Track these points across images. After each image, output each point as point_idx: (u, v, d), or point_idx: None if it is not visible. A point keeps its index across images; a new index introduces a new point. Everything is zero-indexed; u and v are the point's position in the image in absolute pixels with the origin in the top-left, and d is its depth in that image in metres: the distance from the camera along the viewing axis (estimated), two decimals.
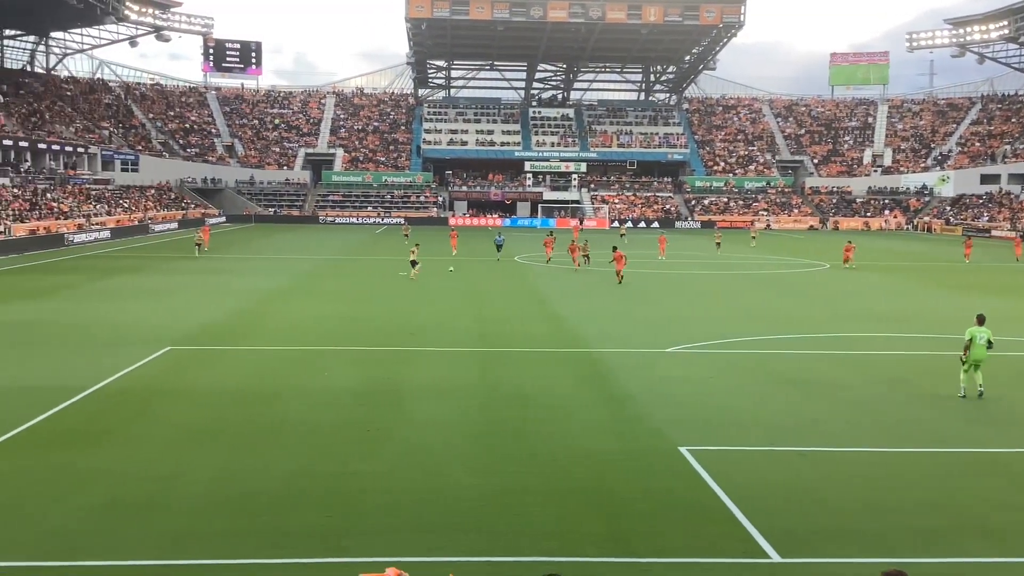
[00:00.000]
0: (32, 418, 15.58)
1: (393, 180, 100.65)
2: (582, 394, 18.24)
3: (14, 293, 33.20)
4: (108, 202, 76.25)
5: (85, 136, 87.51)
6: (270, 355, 21.99)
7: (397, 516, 11.38)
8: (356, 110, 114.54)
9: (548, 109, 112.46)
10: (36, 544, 10.33)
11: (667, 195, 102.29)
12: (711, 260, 52.57)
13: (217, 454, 13.87)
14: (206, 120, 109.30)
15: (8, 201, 61.52)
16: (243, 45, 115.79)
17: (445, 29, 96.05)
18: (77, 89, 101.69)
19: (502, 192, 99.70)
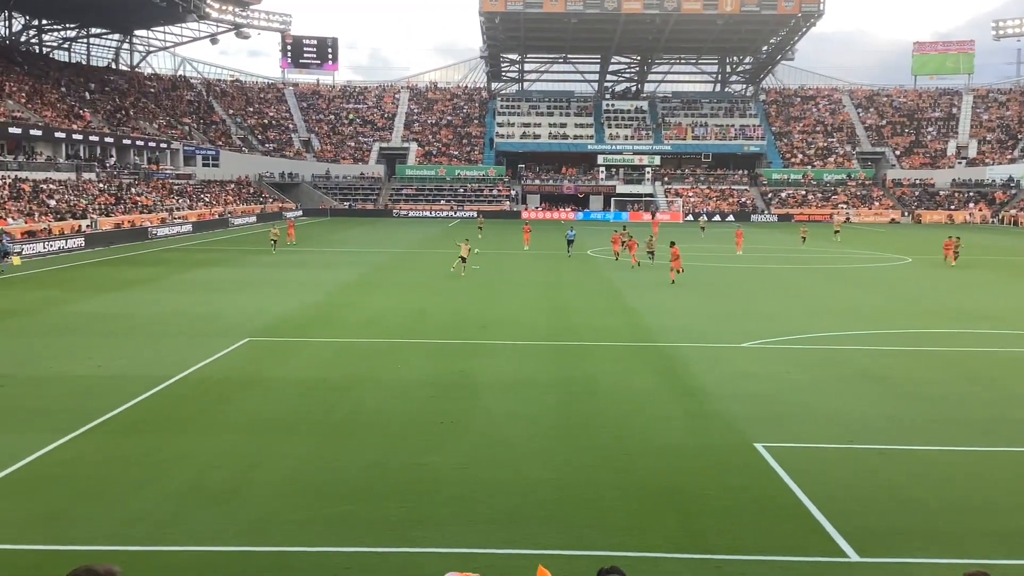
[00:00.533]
0: (118, 406, 16.06)
1: (466, 174, 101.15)
2: (656, 388, 18.10)
3: (101, 285, 34.25)
4: (190, 196, 78.16)
5: (168, 132, 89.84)
6: (345, 347, 22.30)
7: (470, 508, 11.43)
8: (430, 104, 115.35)
9: (622, 102, 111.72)
10: (120, 529, 10.63)
11: (743, 188, 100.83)
12: (789, 254, 51.66)
13: (295, 444, 14.11)
14: (284, 116, 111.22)
15: (94, 195, 63.47)
16: (320, 41, 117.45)
17: (518, 22, 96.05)
18: (160, 86, 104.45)
19: (575, 185, 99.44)
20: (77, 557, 9.63)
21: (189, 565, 9.73)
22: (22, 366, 19.50)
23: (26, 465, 12.83)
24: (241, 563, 9.80)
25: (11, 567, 9.56)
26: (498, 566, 9.78)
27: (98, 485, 12.12)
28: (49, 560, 9.72)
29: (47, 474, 12.52)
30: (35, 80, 76.90)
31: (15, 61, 79.07)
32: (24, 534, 10.38)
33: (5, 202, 52.26)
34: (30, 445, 13.63)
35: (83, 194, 62.39)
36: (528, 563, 9.86)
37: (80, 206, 59.12)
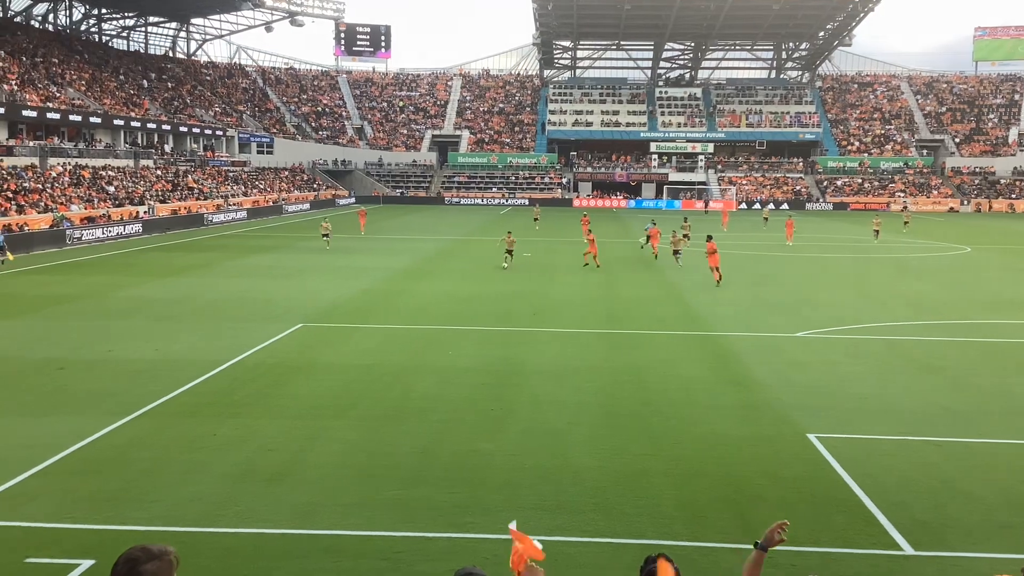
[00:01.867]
0: (175, 389, 16.36)
1: (518, 161, 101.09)
2: (707, 378, 17.96)
3: (158, 270, 34.88)
4: (244, 183, 79.18)
5: (223, 119, 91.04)
6: (397, 333, 22.45)
7: (520, 494, 11.46)
8: (482, 92, 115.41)
9: (675, 89, 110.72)
10: (175, 510, 10.84)
11: (797, 176, 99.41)
12: (843, 243, 50.85)
13: (346, 428, 14.26)
14: (337, 103, 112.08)
15: (152, 182, 64.59)
16: (373, 29, 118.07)
17: (571, 9, 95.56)
18: (216, 74, 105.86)
19: (627, 173, 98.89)
20: (134, 537, 9.85)
21: (242, 546, 9.89)
22: (82, 350, 19.94)
23: (86, 445, 13.13)
24: (293, 545, 9.94)
25: (72, 546, 9.79)
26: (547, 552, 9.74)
27: (155, 466, 12.36)
28: (108, 539, 9.94)
29: (106, 455, 12.80)
30: (95, 68, 78.38)
31: (75, 50, 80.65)
32: (84, 514, 10.62)
33: (66, 188, 53.42)
34: (90, 426, 13.94)
35: (141, 180, 63.53)
36: (576, 550, 9.87)
37: (138, 192, 60.21)
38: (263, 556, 9.67)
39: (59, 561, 9.38)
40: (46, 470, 12.11)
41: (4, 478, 11.68)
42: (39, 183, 51.56)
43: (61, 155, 58.26)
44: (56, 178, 54.08)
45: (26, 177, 51.10)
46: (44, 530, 10.18)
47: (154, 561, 3.47)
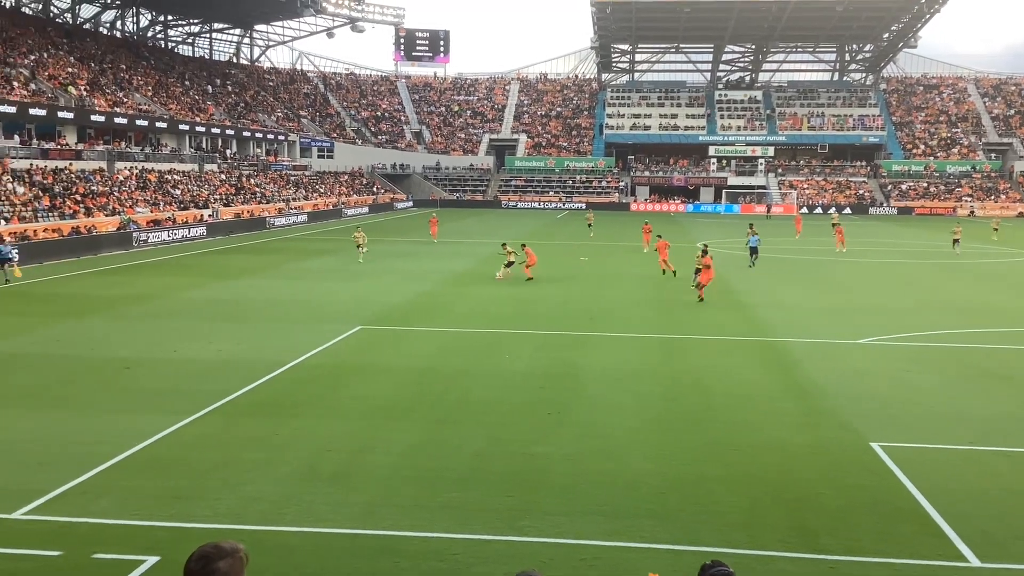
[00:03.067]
0: (238, 389, 16.64)
1: (575, 165, 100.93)
2: (767, 384, 17.74)
3: (221, 272, 35.50)
4: (305, 187, 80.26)
5: (285, 124, 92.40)
6: (454, 336, 22.56)
7: (577, 499, 11.44)
8: (539, 96, 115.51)
9: (735, 91, 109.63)
10: (239, 508, 11.02)
11: (860, 180, 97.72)
12: (902, 247, 49.86)
13: (404, 430, 14.37)
14: (396, 108, 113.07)
15: (216, 185, 65.79)
16: (432, 34, 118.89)
17: (630, 12, 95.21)
18: (278, 79, 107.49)
19: (685, 177, 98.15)
20: (199, 534, 10.05)
21: (304, 545, 10.02)
22: (148, 350, 20.38)
23: (152, 444, 13.41)
24: (353, 545, 10.04)
25: (139, 543, 10.01)
26: (604, 558, 9.76)
27: (218, 465, 12.58)
28: (174, 536, 10.15)
29: (172, 454, 13.07)
30: (161, 74, 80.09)
31: (142, 56, 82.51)
32: (151, 511, 10.85)
33: (132, 191, 54.66)
34: (156, 425, 14.24)
35: (205, 184, 64.74)
36: (634, 555, 9.82)
37: (202, 196, 61.38)
38: (324, 555, 9.79)
39: (126, 557, 9.59)
40: (114, 467, 12.40)
41: (73, 475, 11.98)
42: (107, 186, 52.83)
43: (128, 159, 59.61)
44: (123, 182, 55.35)
45: (94, 181, 52.39)
46: (111, 526, 10.42)
47: (227, 559, 3.54)
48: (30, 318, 24.48)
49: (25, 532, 10.25)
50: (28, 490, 11.37)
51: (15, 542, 9.94)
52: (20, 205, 43.32)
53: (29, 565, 9.44)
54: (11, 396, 16.22)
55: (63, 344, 20.87)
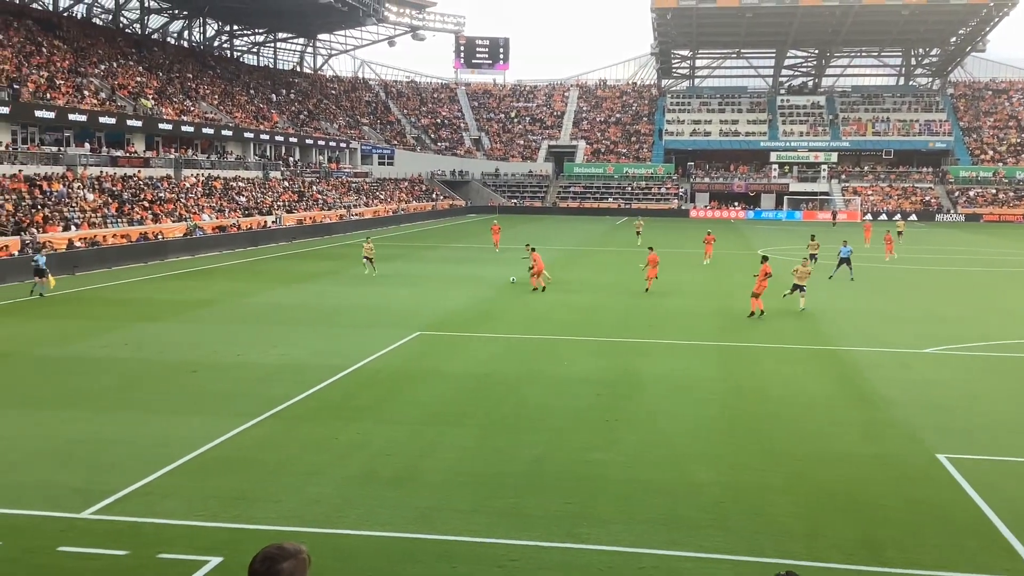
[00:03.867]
0: (299, 393, 16.86)
1: (634, 172, 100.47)
2: (829, 393, 17.45)
3: (285, 277, 36.04)
4: (366, 194, 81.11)
5: (347, 132, 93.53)
6: (513, 342, 22.59)
7: (635, 506, 11.36)
8: (599, 102, 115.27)
9: (797, 97, 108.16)
10: (299, 510, 11.16)
11: (927, 186, 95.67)
12: (970, 255, 48.65)
13: (462, 435, 14.42)
14: (456, 115, 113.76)
15: (279, 192, 66.82)
16: (492, 42, 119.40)
17: (691, 18, 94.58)
18: (340, 88, 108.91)
19: (746, 183, 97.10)
20: (261, 536, 10.20)
21: (363, 548, 10.11)
22: (212, 353, 20.76)
23: (216, 446, 13.66)
24: (411, 549, 10.10)
25: (202, 543, 10.19)
26: (662, 567, 9.69)
27: (280, 468, 12.76)
28: (237, 538, 10.32)
29: (234, 455, 13.29)
30: (227, 83, 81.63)
31: (208, 65, 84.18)
32: (214, 512, 11.04)
33: (199, 198, 55.76)
34: (220, 427, 14.50)
35: (269, 191, 65.79)
36: (693, 565, 9.73)
37: (266, 203, 62.37)
38: (383, 559, 9.87)
39: (190, 557, 9.78)
40: (179, 468, 12.65)
41: (140, 475, 12.25)
42: (174, 193, 53.98)
43: (194, 167, 60.83)
44: (189, 188, 56.51)
45: (162, 188, 53.57)
46: (176, 527, 10.63)
47: (290, 560, 3.59)
48: (101, 322, 25.10)
49: (93, 531, 10.50)
50: (97, 490, 11.65)
51: (84, 541, 10.19)
52: (90, 211, 44.47)
53: (97, 564, 9.67)
54: (82, 398, 16.65)
55: (132, 347, 21.36)
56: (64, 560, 9.74)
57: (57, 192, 44.25)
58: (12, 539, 10.18)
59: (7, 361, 19.79)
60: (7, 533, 10.34)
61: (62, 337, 22.64)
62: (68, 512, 10.96)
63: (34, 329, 23.85)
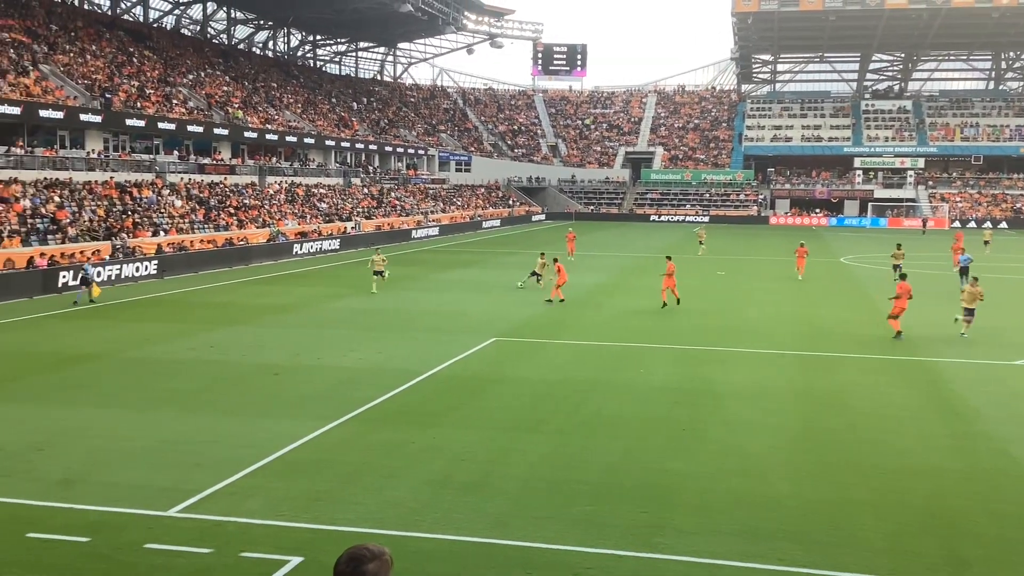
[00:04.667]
0: (377, 397, 17.08)
1: (712, 178, 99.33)
2: (916, 405, 17.00)
3: (363, 283, 36.52)
4: (443, 200, 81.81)
5: (425, 139, 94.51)
6: (588, 349, 22.54)
7: (712, 518, 11.23)
8: (677, 108, 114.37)
9: (882, 101, 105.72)
10: (377, 513, 11.29)
11: (1017, 193, 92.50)
12: None
13: (538, 442, 14.44)
14: (533, 122, 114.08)
15: (358, 199, 67.84)
16: (569, 48, 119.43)
17: (772, 22, 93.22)
18: (419, 95, 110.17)
19: (828, 190, 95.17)
20: (340, 537, 10.35)
21: (439, 552, 10.19)
22: (293, 356, 21.16)
23: (297, 448, 13.91)
24: (487, 554, 10.15)
25: (284, 543, 10.38)
26: None
27: (358, 470, 12.94)
28: (317, 538, 10.48)
29: (314, 457, 13.52)
30: (310, 92, 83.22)
31: (292, 75, 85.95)
32: (295, 513, 11.24)
33: (282, 205, 56.94)
34: (300, 429, 14.77)
35: (349, 198, 66.85)
36: None
37: (346, 209, 63.38)
38: (459, 563, 9.93)
39: (272, 557, 9.96)
40: (261, 469, 12.91)
41: (225, 475, 12.54)
42: (258, 200, 55.22)
43: (278, 174, 62.15)
44: (273, 195, 57.75)
45: (246, 194, 54.85)
46: (258, 526, 10.85)
47: (375, 561, 3.65)
48: (187, 324, 25.80)
49: (179, 529, 10.79)
50: (182, 489, 11.97)
51: (170, 539, 10.48)
52: (178, 217, 45.76)
53: (182, 562, 9.92)
54: (169, 399, 17.13)
55: (217, 350, 21.91)
56: (151, 557, 10.02)
57: (147, 198, 45.65)
58: (102, 536, 10.52)
59: (98, 363, 20.47)
60: (98, 530, 10.69)
61: (150, 340, 23.33)
62: (155, 510, 11.28)
63: (123, 332, 24.62)
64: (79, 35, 57.67)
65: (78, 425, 15.13)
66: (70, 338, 23.67)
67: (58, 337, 23.92)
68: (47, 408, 16.32)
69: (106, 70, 54.68)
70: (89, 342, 22.91)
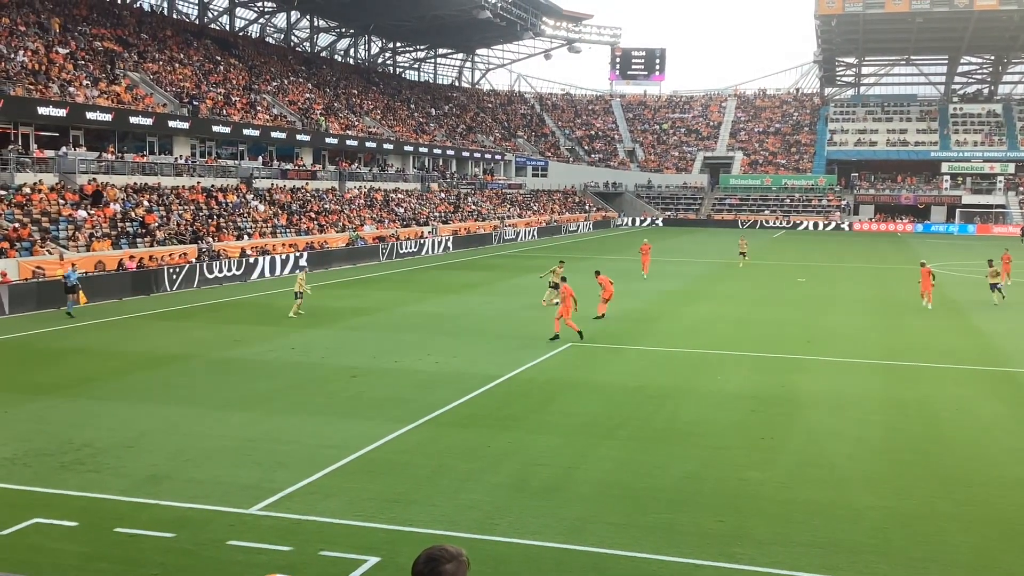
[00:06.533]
0: (454, 400, 17.22)
1: (793, 183, 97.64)
2: (1008, 416, 16.47)
3: (439, 287, 36.90)
4: (520, 205, 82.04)
5: (502, 144, 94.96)
6: (665, 356, 22.37)
7: (792, 528, 11.04)
8: (757, 112, 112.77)
9: (971, 105, 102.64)
10: (453, 515, 11.37)
11: None
12: None
13: (614, 447, 14.38)
14: (610, 127, 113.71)
15: (436, 204, 68.47)
16: (648, 53, 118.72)
17: (857, 24, 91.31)
18: (497, 101, 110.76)
19: (914, 195, 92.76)
20: (416, 538, 10.46)
21: (515, 556, 10.22)
22: (372, 359, 21.46)
23: (375, 449, 14.11)
24: (561, 559, 10.14)
25: (361, 542, 10.53)
26: None
27: (434, 472, 13.06)
28: (394, 538, 10.61)
29: (392, 459, 13.69)
30: (389, 98, 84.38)
31: (372, 81, 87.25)
32: (373, 513, 11.40)
33: (361, 209, 57.79)
34: (378, 431, 14.97)
35: (426, 203, 67.52)
36: None
37: (423, 214, 64.02)
38: (534, 568, 9.95)
39: (350, 556, 10.12)
40: (340, 469, 13.13)
41: (305, 474, 12.78)
42: (338, 205, 56.15)
43: (357, 179, 63.13)
44: (352, 200, 58.66)
45: (327, 199, 55.83)
46: (337, 526, 11.03)
47: (453, 562, 3.69)
48: (269, 327, 26.36)
49: (260, 527, 11.03)
50: (264, 488, 12.23)
51: (251, 536, 10.71)
52: (261, 222, 46.79)
53: (263, 558, 10.14)
54: (252, 399, 17.53)
55: (298, 352, 22.34)
56: (233, 553, 10.26)
57: (232, 203, 46.79)
58: (187, 532, 10.81)
59: (186, 363, 21.05)
60: (183, 525, 10.99)
61: (235, 341, 23.92)
62: (238, 508, 11.55)
63: (209, 333, 25.28)
64: (168, 44, 59.47)
65: (166, 423, 15.58)
66: (159, 339, 24.39)
67: (148, 338, 24.66)
68: (137, 406, 16.83)
69: (193, 78, 56.24)
70: (177, 343, 23.57)
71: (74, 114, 41.82)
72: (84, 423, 15.59)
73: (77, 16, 53.68)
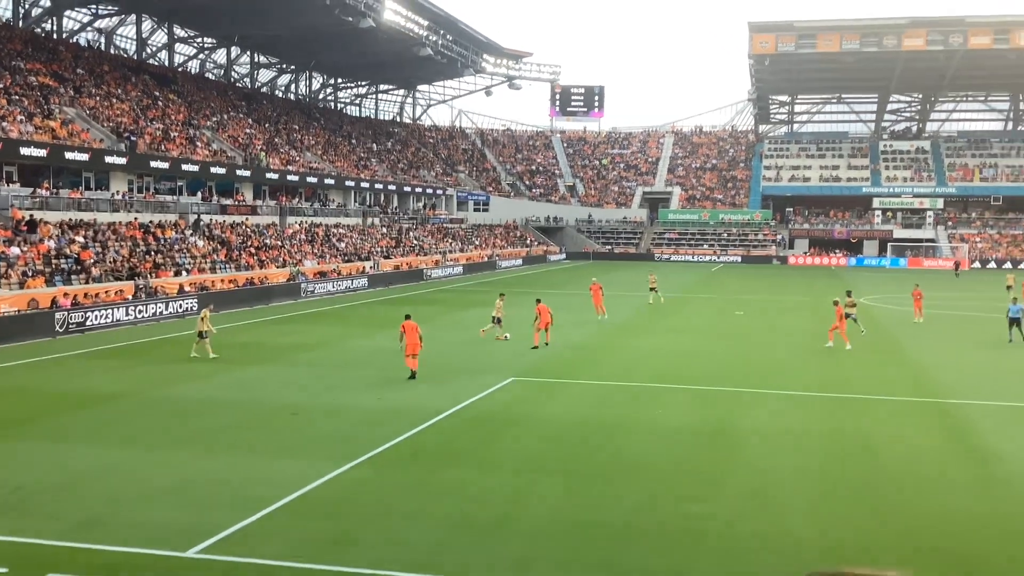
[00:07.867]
0: (395, 437, 17.05)
1: (730, 218, 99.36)
2: (942, 448, 16.81)
3: (380, 322, 36.65)
4: (461, 240, 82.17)
5: (444, 179, 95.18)
6: (607, 389, 22.46)
7: (736, 561, 11.12)
8: (694, 148, 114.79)
9: (900, 142, 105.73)
10: (397, 554, 11.23)
11: None
12: None
13: (556, 483, 14.36)
14: (550, 162, 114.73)
15: (377, 239, 68.24)
16: (587, 90, 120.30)
17: (790, 63, 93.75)
18: (438, 136, 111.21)
19: (847, 230, 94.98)
20: None
21: None
22: (314, 396, 21.21)
23: (316, 487, 13.89)
24: None
25: None
26: None
27: (377, 511, 12.91)
28: None
29: (334, 497, 13.51)
30: (330, 133, 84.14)
31: (314, 117, 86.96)
32: (314, 554, 11.20)
33: (302, 244, 57.34)
34: (320, 469, 14.76)
35: (368, 238, 67.25)
36: None
37: (365, 248, 63.74)
38: None
39: None
40: (280, 509, 12.89)
41: (244, 515, 12.52)
42: (278, 240, 55.65)
43: (298, 214, 62.69)
44: (293, 235, 58.19)
45: (267, 234, 55.30)
46: (277, 568, 10.80)
47: None
48: (207, 364, 25.90)
49: (198, 570, 10.77)
50: (202, 530, 11.95)
51: None
52: (200, 257, 46.14)
53: None
54: (190, 438, 17.18)
55: (238, 389, 21.99)
56: None
57: (169, 239, 46.08)
58: None
59: (119, 402, 20.58)
60: (118, 570, 10.70)
61: (171, 379, 23.45)
62: (175, 551, 11.26)
63: (144, 372, 24.76)
64: (105, 79, 58.66)
65: (100, 465, 15.18)
66: (94, 377, 23.83)
67: (81, 376, 24.08)
68: (69, 448, 16.40)
69: (131, 113, 55.50)
70: (112, 381, 23.05)
71: (8, 149, 40.98)
72: (16, 465, 15.13)
73: (11, 50, 52.75)
